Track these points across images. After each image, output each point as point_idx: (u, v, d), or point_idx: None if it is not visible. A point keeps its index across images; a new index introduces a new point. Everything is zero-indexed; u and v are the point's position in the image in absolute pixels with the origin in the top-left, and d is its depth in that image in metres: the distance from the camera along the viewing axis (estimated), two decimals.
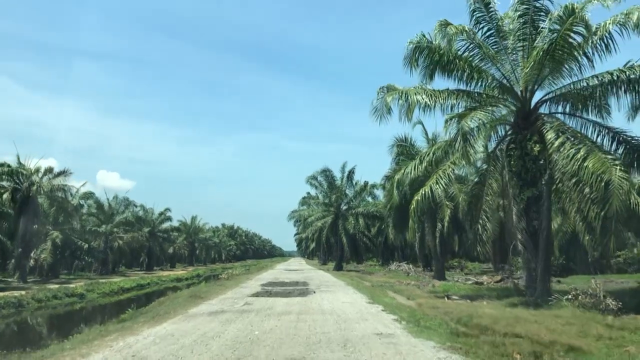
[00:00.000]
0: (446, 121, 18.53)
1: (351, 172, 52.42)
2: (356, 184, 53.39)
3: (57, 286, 31.64)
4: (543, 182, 17.99)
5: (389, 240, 63.82)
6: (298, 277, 32.12)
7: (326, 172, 52.84)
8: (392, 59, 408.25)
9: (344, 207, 53.75)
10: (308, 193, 55.76)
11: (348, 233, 50.87)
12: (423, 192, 20.16)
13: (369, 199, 57.07)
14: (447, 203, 32.99)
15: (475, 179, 22.60)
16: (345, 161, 54.92)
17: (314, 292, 19.78)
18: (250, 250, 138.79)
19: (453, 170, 20.51)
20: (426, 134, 34.91)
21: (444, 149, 21.37)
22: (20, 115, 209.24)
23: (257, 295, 18.68)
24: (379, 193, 61.26)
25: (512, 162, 18.49)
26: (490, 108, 19.31)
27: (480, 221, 20.84)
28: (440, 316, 13.14)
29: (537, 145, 17.65)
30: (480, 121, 18.33)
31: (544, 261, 17.62)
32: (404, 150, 33.98)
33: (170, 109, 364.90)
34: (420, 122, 34.69)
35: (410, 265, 53.54)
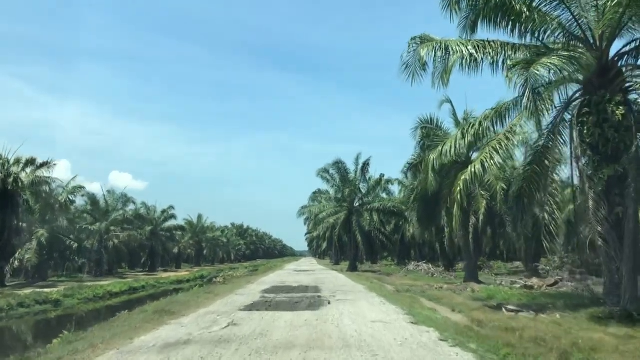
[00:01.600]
0: (509, 69, 13.43)
1: (366, 165, 47.27)
2: (369, 179, 48.23)
3: (30, 291, 26.94)
4: (628, 156, 13.01)
5: (406, 238, 58.74)
6: (308, 280, 27.05)
7: (339, 165, 47.74)
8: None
9: (358, 203, 48.62)
10: (318, 189, 50.74)
11: (363, 230, 45.73)
12: (472, 170, 15.09)
13: (383, 195, 51.91)
14: (483, 193, 27.78)
15: (529, 158, 17.32)
16: (359, 152, 49.73)
17: (329, 303, 14.72)
18: (260, 250, 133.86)
19: (511, 141, 15.34)
20: (454, 114, 29.78)
21: (492, 117, 16.55)
22: (33, 117, 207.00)
23: (252, 307, 13.64)
24: (394, 189, 56.18)
25: (585, 132, 13.48)
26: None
27: (547, 208, 15.81)
28: (532, 349, 8.05)
29: (621, 107, 12.73)
30: (554, 70, 13.16)
31: (632, 259, 12.67)
32: (430, 133, 28.87)
33: (183, 110, 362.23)
34: (448, 100, 29.78)
35: (430, 265, 48.63)
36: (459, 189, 15.16)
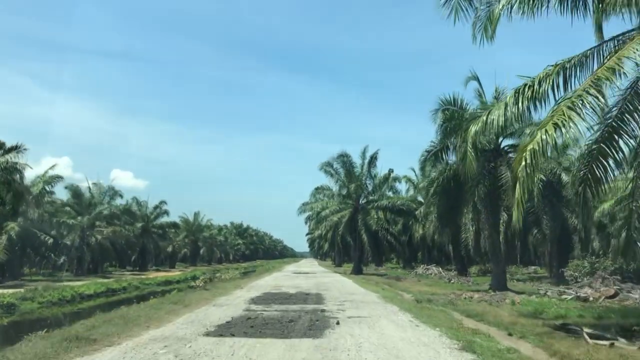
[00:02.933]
0: None
1: (373, 158, 42.76)
2: (375, 176, 43.70)
3: None
4: None
5: (413, 240, 54.20)
6: (308, 285, 22.53)
7: (344, 158, 43.20)
8: (413, 59, 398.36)
9: (364, 200, 44.10)
10: (321, 185, 46.16)
11: (369, 229, 41.23)
12: (543, 138, 10.52)
13: (389, 193, 47.44)
14: (525, 175, 23.09)
15: (596, 135, 12.67)
16: (366, 145, 44.99)
17: (337, 323, 10.18)
18: (260, 250, 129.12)
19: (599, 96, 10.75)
20: (481, 94, 25.38)
21: (555, 72, 12.10)
22: (35, 113, 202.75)
23: (225, 329, 9.14)
24: (401, 187, 51.68)
25: None
26: None
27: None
28: None
29: None
30: None
31: None
32: (454, 115, 24.38)
33: (186, 109, 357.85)
34: (475, 77, 25.54)
35: (439, 269, 44.23)
36: (523, 164, 10.58)
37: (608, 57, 10.63)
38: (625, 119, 10.76)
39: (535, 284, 27.38)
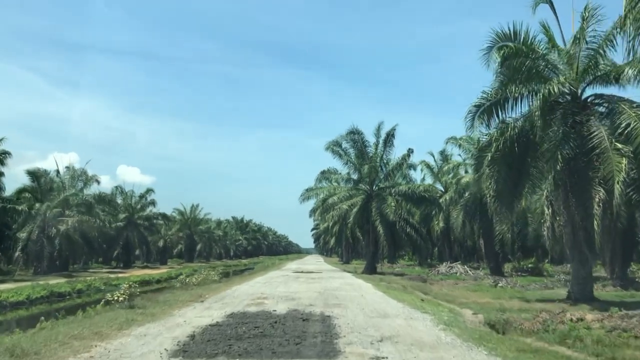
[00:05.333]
0: None
1: (390, 136, 34.82)
2: (387, 163, 35.85)
3: None
4: None
5: (432, 232, 46.27)
6: (310, 295, 14.58)
7: (354, 136, 35.29)
8: (419, 56, 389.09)
9: (379, 185, 36.20)
10: (328, 168, 38.02)
11: (386, 219, 33.27)
12: None
13: (401, 181, 39.49)
14: (621, 147, 15.09)
15: None
16: (381, 121, 36.76)
17: None
18: (263, 246, 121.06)
19: None
20: (547, 30, 17.66)
21: None
22: (44, 110, 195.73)
23: None
24: (416, 175, 43.72)
25: None
26: None
27: None
28: None
29: None
30: None
31: None
32: (517, 52, 16.60)
33: (193, 106, 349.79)
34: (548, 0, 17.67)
35: (465, 267, 36.50)
36: None
37: None
38: None
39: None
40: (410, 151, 35.45)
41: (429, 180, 44.84)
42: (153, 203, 53.36)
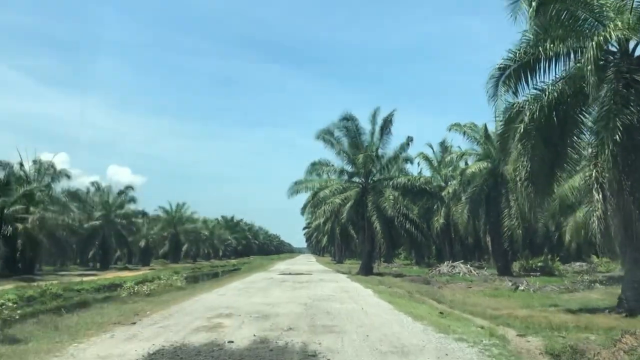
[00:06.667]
0: None
1: (387, 122, 31.04)
2: (382, 156, 32.05)
3: None
4: None
5: (432, 229, 42.47)
6: (291, 308, 10.64)
7: (348, 123, 31.48)
8: (410, 54, 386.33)
9: (375, 176, 32.43)
10: (319, 160, 33.94)
11: (384, 215, 29.52)
12: None
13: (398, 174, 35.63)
14: None
15: None
16: (377, 106, 32.89)
17: None
18: (254, 245, 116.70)
19: None
20: None
21: None
22: (33, 110, 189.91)
23: None
24: (413, 170, 39.86)
25: None
26: None
27: None
28: None
29: None
30: None
31: None
32: None
33: (184, 105, 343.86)
34: None
35: (469, 266, 32.79)
36: None
37: None
38: None
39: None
40: (409, 139, 31.64)
41: (427, 174, 41.14)
42: (133, 200, 49.23)
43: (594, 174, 12.33)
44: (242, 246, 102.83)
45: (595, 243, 16.67)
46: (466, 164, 35.04)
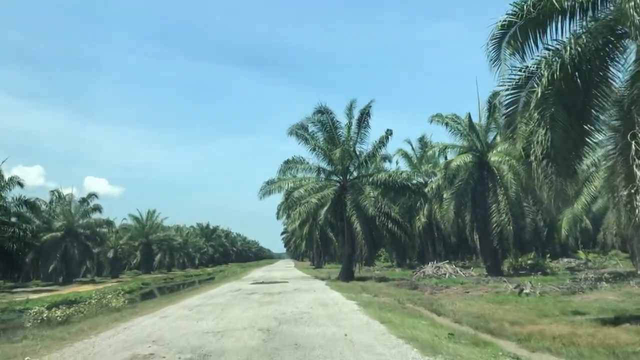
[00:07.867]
0: None
1: (365, 114, 28.20)
2: (361, 154, 29.16)
3: None
4: None
5: (414, 228, 39.66)
6: (248, 339, 7.63)
7: (323, 116, 28.52)
8: (383, 61, 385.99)
9: (353, 173, 29.53)
10: (293, 157, 30.74)
11: (364, 214, 26.65)
12: None
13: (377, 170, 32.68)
14: None
15: None
16: (353, 98, 30.16)
17: None
18: (232, 252, 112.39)
19: None
20: None
21: None
22: (6, 123, 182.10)
23: None
24: (391, 168, 37.05)
25: None
26: None
27: None
28: None
29: None
30: None
31: None
32: None
33: (159, 115, 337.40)
34: None
35: (454, 266, 30.26)
36: None
37: None
38: None
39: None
40: (389, 132, 28.73)
41: (408, 171, 38.39)
42: (99, 209, 45.22)
43: (633, 146, 9.51)
44: (220, 254, 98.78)
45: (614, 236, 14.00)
46: (446, 158, 32.51)
